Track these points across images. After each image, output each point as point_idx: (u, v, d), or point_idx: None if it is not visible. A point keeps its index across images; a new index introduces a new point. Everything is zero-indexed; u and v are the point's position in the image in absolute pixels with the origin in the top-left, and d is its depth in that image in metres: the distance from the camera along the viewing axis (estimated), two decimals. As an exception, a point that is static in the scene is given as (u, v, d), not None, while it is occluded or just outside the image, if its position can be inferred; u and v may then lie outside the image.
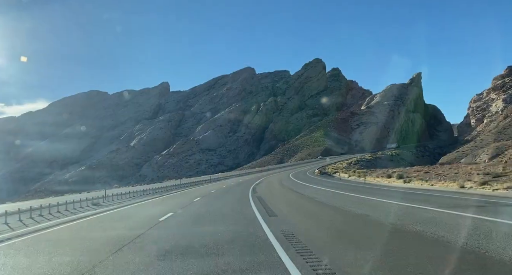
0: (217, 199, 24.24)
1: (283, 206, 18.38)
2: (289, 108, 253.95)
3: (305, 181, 41.21)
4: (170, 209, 18.63)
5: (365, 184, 34.37)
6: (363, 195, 21.94)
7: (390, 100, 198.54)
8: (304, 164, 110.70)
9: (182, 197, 27.76)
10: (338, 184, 34.26)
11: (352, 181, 40.29)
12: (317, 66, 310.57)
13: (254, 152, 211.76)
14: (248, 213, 14.50)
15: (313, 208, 17.15)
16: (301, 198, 22.55)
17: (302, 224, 11.35)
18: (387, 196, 19.88)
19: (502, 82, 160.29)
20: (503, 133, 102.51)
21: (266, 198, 22.26)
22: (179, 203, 23.40)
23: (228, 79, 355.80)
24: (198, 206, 20.06)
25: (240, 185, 37.63)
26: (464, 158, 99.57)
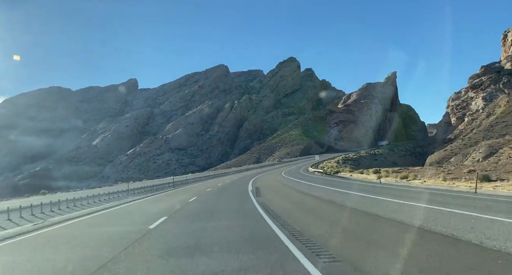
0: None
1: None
2: (264, 106, 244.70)
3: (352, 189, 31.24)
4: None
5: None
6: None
7: (367, 98, 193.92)
8: (287, 163, 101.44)
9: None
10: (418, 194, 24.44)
11: (400, 184, 30.14)
12: (292, 65, 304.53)
13: (228, 152, 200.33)
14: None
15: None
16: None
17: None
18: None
19: (480, 81, 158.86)
20: (491, 131, 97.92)
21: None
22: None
23: (200, 76, 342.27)
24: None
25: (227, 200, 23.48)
26: (454, 157, 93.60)
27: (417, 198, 13.81)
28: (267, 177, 42.64)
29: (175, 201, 20.27)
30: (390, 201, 13.21)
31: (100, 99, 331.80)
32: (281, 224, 9.14)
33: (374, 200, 13.73)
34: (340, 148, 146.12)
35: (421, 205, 11.58)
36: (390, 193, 16.07)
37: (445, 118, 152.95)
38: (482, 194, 14.98)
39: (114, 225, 12.18)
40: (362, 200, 13.93)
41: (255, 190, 21.71)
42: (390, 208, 11.13)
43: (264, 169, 75.88)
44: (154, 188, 37.33)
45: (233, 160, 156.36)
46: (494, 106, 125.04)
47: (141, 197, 26.98)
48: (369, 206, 11.87)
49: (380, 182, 24.44)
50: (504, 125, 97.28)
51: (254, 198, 16.34)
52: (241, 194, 20.02)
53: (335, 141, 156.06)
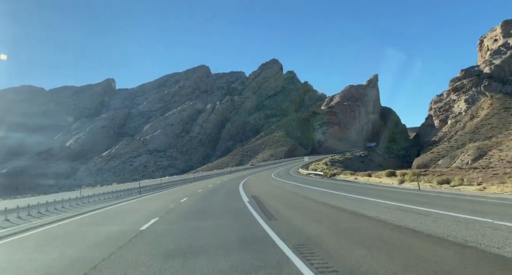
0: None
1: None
2: (246, 108, 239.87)
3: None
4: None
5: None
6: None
7: (349, 100, 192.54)
8: (272, 165, 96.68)
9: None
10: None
11: (454, 193, 24.50)
12: (274, 66, 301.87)
13: (210, 154, 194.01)
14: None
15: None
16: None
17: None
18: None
19: (461, 84, 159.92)
20: (477, 133, 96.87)
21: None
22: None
23: (180, 77, 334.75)
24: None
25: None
26: (441, 160, 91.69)
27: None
28: (259, 181, 36.13)
29: (127, 222, 12.80)
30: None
31: (75, 99, 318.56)
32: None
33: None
34: (324, 150, 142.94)
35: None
36: (492, 212, 9.92)
37: (428, 121, 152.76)
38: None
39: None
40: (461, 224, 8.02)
41: (255, 203, 14.90)
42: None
43: (249, 171, 70.85)
44: (115, 195, 29.36)
45: (214, 162, 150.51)
46: (477, 108, 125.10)
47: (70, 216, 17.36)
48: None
49: (419, 188, 18.81)
50: (490, 127, 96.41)
51: (266, 223, 9.62)
52: (237, 210, 12.85)
53: (319, 143, 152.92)
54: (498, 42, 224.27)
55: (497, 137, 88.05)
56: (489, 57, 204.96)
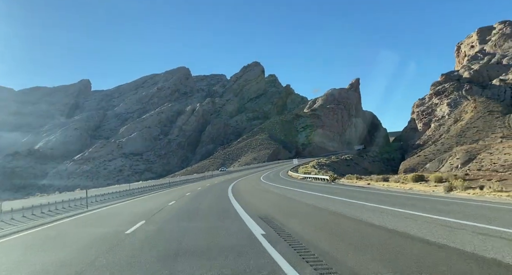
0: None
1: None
2: (228, 111, 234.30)
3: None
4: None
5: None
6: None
7: (332, 104, 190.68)
8: (255, 168, 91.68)
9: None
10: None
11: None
12: (256, 69, 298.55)
13: (189, 157, 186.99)
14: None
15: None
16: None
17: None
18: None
19: (443, 88, 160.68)
20: (463, 136, 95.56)
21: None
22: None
23: (159, 78, 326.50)
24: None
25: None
26: (429, 163, 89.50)
27: None
28: (253, 188, 28.81)
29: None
30: None
31: (47, 100, 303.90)
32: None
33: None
34: (308, 153, 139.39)
35: None
36: None
37: (411, 124, 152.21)
38: None
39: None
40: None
41: (275, 234, 8.22)
42: None
43: (234, 175, 65.43)
44: (54, 207, 20.11)
45: (194, 166, 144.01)
46: (460, 112, 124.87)
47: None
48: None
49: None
50: (476, 131, 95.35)
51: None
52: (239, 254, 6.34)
53: (303, 146, 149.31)
54: (474, 48, 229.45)
55: (484, 140, 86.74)
56: (467, 62, 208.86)
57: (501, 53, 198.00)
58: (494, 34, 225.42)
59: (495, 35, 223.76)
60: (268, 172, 66.73)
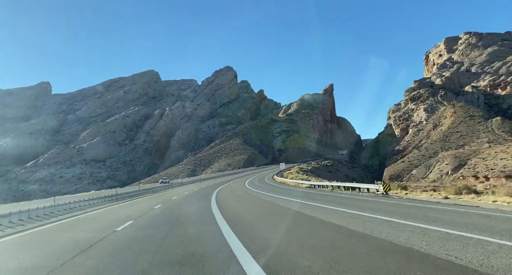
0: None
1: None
2: (199, 115, 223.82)
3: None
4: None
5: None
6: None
7: (307, 109, 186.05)
8: (232, 175, 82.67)
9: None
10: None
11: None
12: (228, 74, 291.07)
13: (157, 164, 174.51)
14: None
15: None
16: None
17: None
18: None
19: (418, 93, 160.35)
20: (447, 141, 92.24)
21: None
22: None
23: (126, 82, 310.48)
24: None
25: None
26: (415, 169, 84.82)
27: None
28: (269, 205, 18.91)
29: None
30: None
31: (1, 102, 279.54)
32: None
33: None
34: (284, 159, 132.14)
35: None
36: None
37: (388, 130, 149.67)
38: None
39: None
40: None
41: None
42: None
43: (208, 182, 56.29)
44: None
45: (162, 173, 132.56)
46: (439, 117, 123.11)
47: None
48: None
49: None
50: (459, 135, 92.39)
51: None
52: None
53: (279, 152, 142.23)
54: (443, 57, 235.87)
55: (470, 145, 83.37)
56: (436, 70, 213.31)
57: (469, 62, 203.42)
58: (460, 44, 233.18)
59: (462, 45, 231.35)
60: (252, 177, 57.92)
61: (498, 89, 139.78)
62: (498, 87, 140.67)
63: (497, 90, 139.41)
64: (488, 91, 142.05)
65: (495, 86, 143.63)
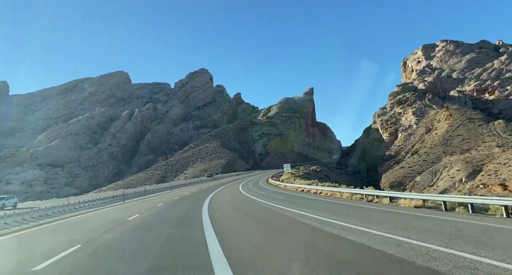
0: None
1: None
2: (172, 118, 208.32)
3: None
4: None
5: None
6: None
7: (288, 112, 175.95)
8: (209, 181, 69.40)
9: None
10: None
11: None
12: (203, 76, 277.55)
13: (123, 169, 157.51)
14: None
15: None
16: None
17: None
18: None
19: (404, 97, 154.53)
20: (448, 145, 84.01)
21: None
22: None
23: (93, 82, 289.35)
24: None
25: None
26: (419, 176, 75.35)
27: None
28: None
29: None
30: None
31: None
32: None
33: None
34: (266, 164, 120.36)
35: None
36: None
37: (374, 134, 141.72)
38: None
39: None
40: None
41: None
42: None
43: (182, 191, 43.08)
44: None
45: (128, 179, 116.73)
46: (431, 120, 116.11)
47: None
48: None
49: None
50: (461, 139, 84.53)
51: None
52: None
53: (260, 156, 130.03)
54: (421, 63, 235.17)
55: (477, 150, 75.14)
56: (416, 76, 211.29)
57: (450, 68, 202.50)
58: (438, 51, 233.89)
59: (440, 52, 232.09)
60: (246, 180, 44.77)
61: (485, 93, 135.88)
62: (485, 92, 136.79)
63: (484, 94, 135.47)
64: (475, 96, 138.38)
65: (482, 91, 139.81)
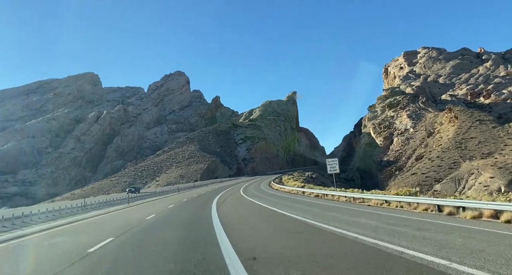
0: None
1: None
2: (144, 121, 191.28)
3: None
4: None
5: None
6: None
7: (272, 115, 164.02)
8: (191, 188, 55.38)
9: None
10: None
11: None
12: (180, 79, 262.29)
13: (88, 177, 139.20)
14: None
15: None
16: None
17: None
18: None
19: (395, 100, 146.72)
20: (463, 148, 74.03)
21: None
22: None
23: (59, 84, 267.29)
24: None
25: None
26: (439, 184, 64.42)
27: None
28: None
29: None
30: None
31: None
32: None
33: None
34: (250, 171, 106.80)
35: None
36: None
37: (365, 139, 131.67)
38: None
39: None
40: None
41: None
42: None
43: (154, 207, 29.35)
44: None
45: (88, 187, 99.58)
46: (431, 123, 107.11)
47: None
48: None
49: None
50: (478, 142, 74.93)
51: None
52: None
53: (244, 162, 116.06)
54: (404, 69, 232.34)
55: (502, 154, 65.28)
56: (400, 81, 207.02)
57: (436, 73, 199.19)
58: (420, 57, 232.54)
59: (422, 58, 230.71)
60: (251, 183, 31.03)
61: (480, 97, 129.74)
62: (479, 96, 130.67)
63: (479, 98, 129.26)
64: (469, 100, 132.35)
65: (476, 94, 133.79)
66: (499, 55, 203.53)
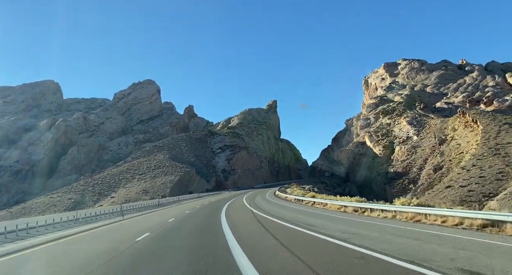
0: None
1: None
2: (107, 131, 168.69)
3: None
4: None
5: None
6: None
7: (252, 123, 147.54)
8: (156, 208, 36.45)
9: None
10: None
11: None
12: (149, 87, 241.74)
13: (33, 193, 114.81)
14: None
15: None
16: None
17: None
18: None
19: (389, 107, 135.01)
20: (504, 156, 60.04)
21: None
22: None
23: (13, 91, 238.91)
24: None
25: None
26: (495, 201, 49.24)
27: None
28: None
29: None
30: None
31: None
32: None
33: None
34: (232, 184, 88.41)
35: None
36: None
37: (360, 149, 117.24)
38: None
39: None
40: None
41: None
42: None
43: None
44: None
45: (18, 207, 76.85)
46: (440, 129, 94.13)
47: None
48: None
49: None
50: (514, 146, 61.36)
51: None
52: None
53: (224, 173, 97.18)
54: (386, 80, 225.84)
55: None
56: (384, 92, 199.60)
57: (421, 83, 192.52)
58: (402, 68, 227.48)
59: (404, 69, 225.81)
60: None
61: (480, 104, 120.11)
62: (479, 103, 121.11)
63: (479, 106, 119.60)
64: (468, 107, 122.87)
65: (474, 102, 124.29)
66: (481, 66, 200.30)
